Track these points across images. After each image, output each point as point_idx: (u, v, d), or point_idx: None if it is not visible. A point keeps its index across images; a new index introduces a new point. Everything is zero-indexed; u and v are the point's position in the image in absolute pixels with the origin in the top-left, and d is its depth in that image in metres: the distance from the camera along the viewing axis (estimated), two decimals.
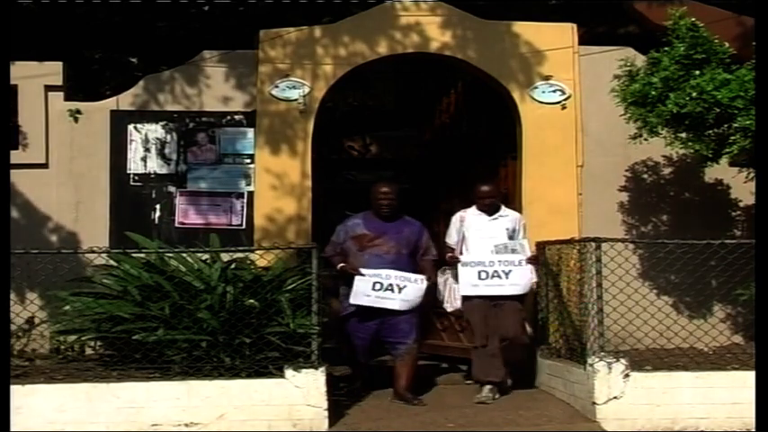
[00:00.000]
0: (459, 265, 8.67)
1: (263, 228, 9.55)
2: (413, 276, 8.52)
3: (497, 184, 9.16)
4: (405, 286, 8.45)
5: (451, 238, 8.91)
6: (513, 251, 8.68)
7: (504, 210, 8.90)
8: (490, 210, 8.81)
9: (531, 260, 8.72)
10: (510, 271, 8.59)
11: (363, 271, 8.46)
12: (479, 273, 8.60)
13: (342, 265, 8.58)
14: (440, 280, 8.80)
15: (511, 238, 8.74)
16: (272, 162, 9.61)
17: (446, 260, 8.83)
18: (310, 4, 10.57)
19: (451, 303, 8.84)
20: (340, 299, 8.68)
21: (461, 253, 8.77)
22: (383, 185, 8.82)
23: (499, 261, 8.60)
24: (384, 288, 8.42)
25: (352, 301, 8.47)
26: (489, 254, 8.63)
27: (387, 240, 8.62)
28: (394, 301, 8.44)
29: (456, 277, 8.74)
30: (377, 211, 8.71)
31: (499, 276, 8.58)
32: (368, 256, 8.57)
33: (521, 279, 8.64)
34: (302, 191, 9.61)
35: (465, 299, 8.70)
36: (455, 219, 8.91)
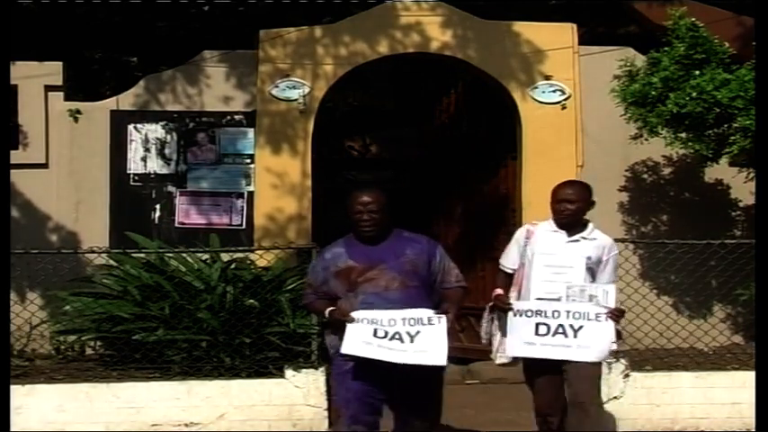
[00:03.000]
0: (511, 314, 6.19)
1: (263, 227, 9.55)
2: (425, 315, 5.87)
3: (587, 188, 6.46)
4: (417, 332, 5.82)
5: (509, 258, 6.37)
6: (592, 299, 6.12)
7: (591, 230, 6.31)
8: (570, 226, 6.28)
9: (614, 314, 6.13)
10: (581, 327, 6.05)
11: (354, 314, 5.84)
12: (537, 326, 6.09)
13: (331, 309, 5.95)
14: (484, 319, 6.41)
15: (591, 270, 6.17)
16: (272, 162, 9.61)
17: (492, 300, 6.35)
18: (310, 4, 10.56)
19: (502, 352, 6.33)
20: (330, 352, 6.12)
21: (520, 284, 6.29)
22: (362, 194, 5.98)
23: (568, 312, 6.08)
24: (389, 337, 5.82)
25: (344, 350, 5.84)
26: (554, 301, 6.13)
27: (384, 271, 5.90)
28: (405, 354, 5.80)
29: (501, 325, 6.29)
30: (357, 232, 6.00)
31: (564, 334, 6.05)
32: (362, 296, 5.89)
33: (594, 340, 6.06)
34: (302, 191, 9.60)
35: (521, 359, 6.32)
36: (519, 233, 6.42)
